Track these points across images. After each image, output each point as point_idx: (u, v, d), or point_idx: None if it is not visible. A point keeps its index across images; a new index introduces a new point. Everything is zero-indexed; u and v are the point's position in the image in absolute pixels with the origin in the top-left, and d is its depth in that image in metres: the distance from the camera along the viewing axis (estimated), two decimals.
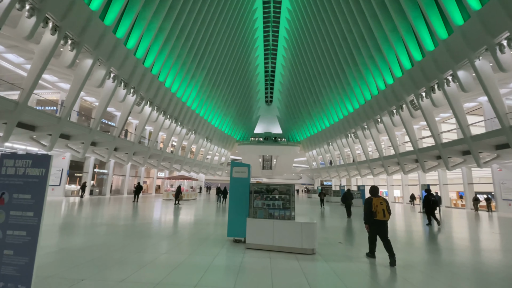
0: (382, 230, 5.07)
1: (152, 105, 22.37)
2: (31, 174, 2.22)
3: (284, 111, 52.17)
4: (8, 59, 16.61)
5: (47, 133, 14.89)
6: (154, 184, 35.10)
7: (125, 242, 6.06)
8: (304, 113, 42.07)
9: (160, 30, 19.69)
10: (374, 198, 5.18)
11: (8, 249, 2.15)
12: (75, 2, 12.66)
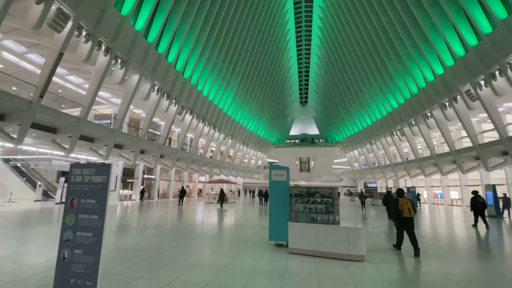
0: (408, 226, 5.88)
1: (192, 113, 23.61)
2: (95, 181, 2.49)
3: (321, 111, 50.67)
4: (70, 81, 19.12)
5: (104, 144, 16.64)
6: (196, 188, 36.85)
7: (173, 244, 6.41)
8: (343, 111, 40.32)
9: (196, 42, 20.79)
10: (400, 199, 6.03)
11: (78, 248, 2.43)
12: (123, 25, 14.06)
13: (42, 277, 3.83)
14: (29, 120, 11.55)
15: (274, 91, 41.89)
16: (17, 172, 24.62)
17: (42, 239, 6.78)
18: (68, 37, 11.68)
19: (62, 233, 2.48)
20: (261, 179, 51.71)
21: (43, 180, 24.92)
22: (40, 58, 15.95)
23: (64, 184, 19.52)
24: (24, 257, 4.97)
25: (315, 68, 47.43)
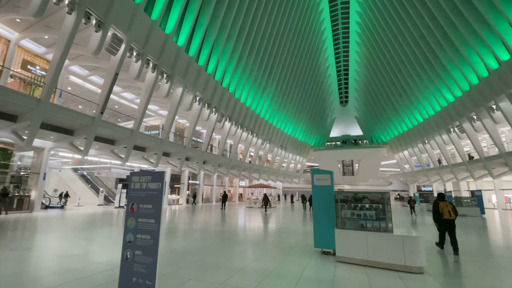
0: (449, 228, 6.38)
1: (231, 120, 24.37)
2: (151, 188, 2.71)
3: (363, 110, 47.83)
4: (124, 97, 21.30)
5: (154, 152, 18.09)
6: (237, 192, 37.69)
7: (218, 247, 6.60)
8: (389, 109, 37.49)
9: (233, 51, 21.54)
10: (441, 202, 6.55)
11: (138, 250, 2.65)
12: (167, 43, 15.27)
13: (107, 274, 4.27)
14: (93, 134, 13.15)
15: (311, 92, 41.02)
16: (83, 180, 28.17)
17: (105, 239, 7.58)
18: (122, 58, 13.09)
19: (124, 235, 2.75)
20: (301, 184, 50.64)
21: (104, 187, 28.06)
22: (100, 79, 18.14)
23: (121, 190, 21.67)
24: (91, 256, 5.60)
25: (355, 66, 45.22)
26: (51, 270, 4.48)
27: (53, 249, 6.17)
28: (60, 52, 10.87)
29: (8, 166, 14.42)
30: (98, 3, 11.47)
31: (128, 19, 12.91)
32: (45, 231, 8.80)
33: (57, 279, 4.00)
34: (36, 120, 10.85)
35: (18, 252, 5.64)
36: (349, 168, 48.41)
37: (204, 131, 28.71)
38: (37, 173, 15.23)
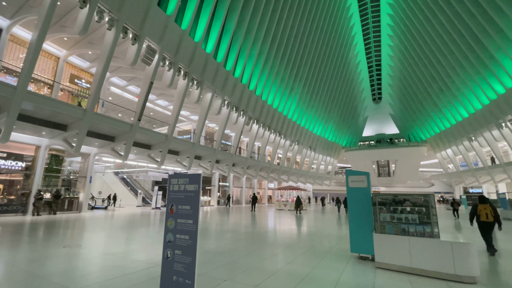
0: (486, 230, 6.41)
1: (258, 122, 24.50)
2: (189, 189, 2.81)
3: (399, 106, 44.90)
4: (159, 104, 22.52)
5: (186, 156, 18.84)
6: (266, 194, 37.67)
7: (251, 249, 6.62)
8: (428, 105, 34.78)
9: (259, 54, 21.70)
10: (480, 205, 6.57)
11: (178, 249, 2.76)
12: (196, 51, 15.87)
13: (147, 272, 4.50)
14: (131, 140, 14.09)
15: (341, 91, 39.65)
16: (124, 183, 30.28)
17: (144, 239, 8.02)
18: (155, 68, 13.88)
19: (165, 235, 2.88)
20: (333, 186, 48.99)
21: (142, 189, 29.88)
22: (137, 88, 19.42)
23: (157, 192, 22.88)
24: (132, 254, 5.96)
25: (388, 60, 42.79)
26: (98, 267, 4.85)
27: (99, 246, 6.68)
28: (102, 66, 11.86)
29: (60, 170, 16.03)
30: (133, 18, 12.32)
31: (161, 30, 13.67)
32: (92, 230, 9.59)
33: (103, 275, 4.31)
34: (83, 128, 11.93)
35: (70, 249, 6.20)
36: (385, 169, 45.70)
37: (233, 134, 29.25)
38: (84, 177, 16.72)
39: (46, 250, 5.94)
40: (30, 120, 11.41)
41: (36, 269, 4.52)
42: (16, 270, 4.45)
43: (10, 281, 3.96)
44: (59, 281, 3.92)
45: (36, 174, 14.06)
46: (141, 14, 12.59)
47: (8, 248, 6.12)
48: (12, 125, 9.88)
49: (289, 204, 24.32)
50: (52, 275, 4.19)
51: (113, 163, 26.67)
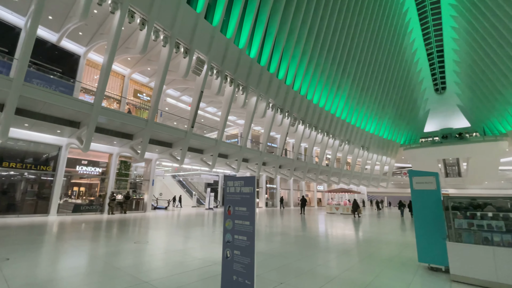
0: None
1: (304, 123, 23.98)
2: (244, 192, 2.88)
3: (469, 96, 38.86)
4: (208, 111, 23.84)
5: (235, 159, 19.49)
6: (315, 197, 36.51)
7: (305, 253, 6.44)
8: (507, 91, 29.35)
9: (303, 53, 21.30)
10: None
11: (237, 250, 2.84)
12: (241, 57, 16.38)
13: (207, 270, 4.73)
14: (186, 145, 15.19)
15: (396, 83, 36.28)
16: (180, 185, 32.86)
17: (201, 237, 8.51)
18: (205, 77, 14.76)
19: (224, 235, 3.00)
20: (391, 188, 44.83)
21: (196, 191, 31.97)
22: (189, 98, 20.93)
23: (210, 194, 24.17)
24: (191, 251, 6.36)
25: (452, 44, 37.62)
26: (163, 262, 5.30)
27: (162, 243, 7.32)
28: (159, 80, 13.12)
29: (128, 175, 18.23)
30: (184, 33, 13.35)
31: (208, 41, 14.51)
32: (156, 228, 10.59)
33: (168, 271, 4.69)
34: (146, 136, 13.33)
35: (139, 245, 6.94)
36: (454, 169, 39.92)
37: (278, 136, 29.20)
38: (148, 180, 18.64)
39: (120, 245, 6.77)
40: (104, 131, 13.23)
41: (113, 261, 5.17)
42: (97, 262, 5.16)
43: (93, 270, 4.60)
44: (132, 273, 4.40)
45: (110, 178, 16.22)
46: (191, 29, 13.57)
47: (90, 242, 7.16)
48: (91, 136, 11.61)
49: (341, 208, 23.10)
50: (126, 267, 4.73)
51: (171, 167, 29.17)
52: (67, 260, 5.29)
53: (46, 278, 4.07)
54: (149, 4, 11.72)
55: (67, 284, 3.87)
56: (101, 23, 12.86)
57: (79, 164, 15.49)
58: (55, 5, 11.59)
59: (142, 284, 3.89)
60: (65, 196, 15.23)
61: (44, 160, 13.78)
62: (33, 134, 12.92)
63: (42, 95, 9.91)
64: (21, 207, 12.79)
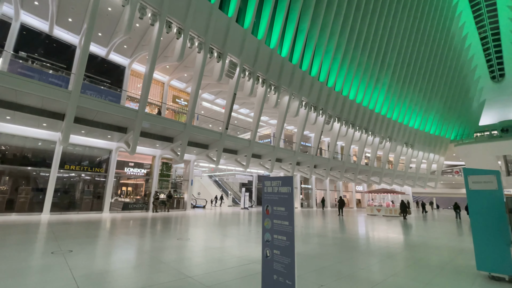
0: None
1: (340, 120, 23.06)
2: (282, 192, 2.87)
3: None
4: (241, 112, 24.26)
5: (268, 159, 19.54)
6: (353, 198, 34.87)
7: (343, 256, 6.19)
8: None
9: (337, 48, 20.55)
10: None
11: (276, 249, 2.84)
12: (272, 57, 16.38)
13: (246, 268, 4.81)
14: (221, 146, 15.66)
15: (443, 73, 33.01)
16: (216, 185, 33.97)
17: (238, 236, 8.68)
18: (237, 80, 15.07)
19: (263, 234, 3.02)
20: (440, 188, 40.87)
21: (231, 190, 32.77)
22: (222, 101, 21.55)
23: (244, 194, 24.57)
24: (229, 249, 6.52)
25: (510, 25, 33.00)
26: (204, 259, 5.53)
27: (202, 241, 7.64)
28: (195, 85, 13.74)
29: (169, 175, 19.41)
30: (217, 38, 13.80)
31: (240, 44, 14.79)
32: (196, 225, 11.09)
33: (209, 267, 4.87)
34: (185, 139, 14.05)
35: (182, 241, 7.33)
36: None
37: (312, 135, 28.53)
38: (187, 180, 19.62)
39: (164, 241, 7.23)
40: (148, 135, 14.28)
41: (159, 255, 5.54)
42: (145, 256, 5.57)
43: (142, 263, 4.98)
44: (177, 268, 4.67)
45: (153, 178, 17.43)
46: (223, 33, 13.97)
47: (138, 237, 7.76)
48: (137, 140, 12.61)
49: (383, 209, 21.72)
50: (171, 262, 5.03)
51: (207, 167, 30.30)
52: (120, 253, 5.81)
53: (102, 269, 4.53)
54: (184, 13, 12.35)
55: (121, 275, 4.25)
56: (142, 35, 13.91)
57: (127, 166, 16.93)
58: (103, 22, 12.85)
59: (186, 278, 4.10)
60: (115, 195, 16.77)
61: (97, 162, 15.36)
62: (88, 140, 14.48)
63: (95, 104, 11.05)
64: (79, 205, 14.42)
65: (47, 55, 13.35)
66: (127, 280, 3.99)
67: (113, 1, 11.45)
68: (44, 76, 12.25)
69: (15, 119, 11.55)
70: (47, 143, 13.37)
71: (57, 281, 3.80)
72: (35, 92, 9.53)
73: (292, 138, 28.74)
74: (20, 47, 12.51)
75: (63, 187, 14.14)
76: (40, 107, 10.95)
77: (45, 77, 12.13)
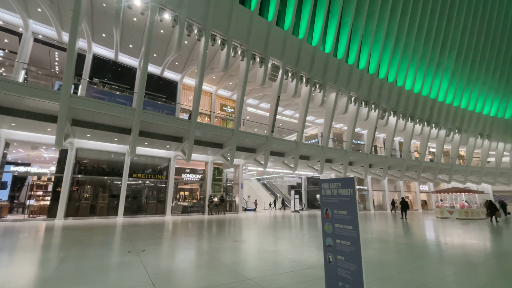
0: None
1: (396, 114, 21.08)
2: (343, 194, 2.71)
3: None
4: (285, 114, 24.09)
5: (317, 160, 18.91)
6: (418, 199, 31.26)
7: (413, 264, 5.54)
8: None
9: (387, 36, 18.97)
10: None
11: (340, 255, 2.69)
12: (316, 54, 15.92)
13: (304, 273, 4.68)
14: (268, 149, 15.76)
15: None
16: (265, 188, 34.28)
17: (293, 239, 8.53)
18: (281, 82, 15.04)
19: (324, 239, 2.90)
20: None
21: (280, 193, 32.65)
22: (266, 105, 21.75)
23: (294, 196, 24.20)
24: (287, 253, 6.44)
25: None
26: (261, 262, 5.57)
27: (257, 243, 7.72)
28: (240, 92, 14.18)
29: (221, 179, 20.33)
30: (258, 43, 14.04)
31: (281, 46, 14.78)
32: (249, 228, 11.32)
33: (267, 270, 4.88)
34: (233, 144, 14.57)
35: (238, 243, 7.54)
36: None
37: (365, 132, 26.67)
38: (237, 184, 20.27)
39: (222, 243, 7.54)
40: (200, 143, 15.23)
41: (219, 257, 5.79)
42: (205, 257, 5.88)
43: (204, 264, 5.25)
44: (236, 269, 4.80)
45: (207, 183, 18.46)
46: (264, 38, 14.16)
47: (198, 239, 8.25)
48: (191, 148, 13.55)
49: (457, 211, 18.96)
50: (230, 263, 5.20)
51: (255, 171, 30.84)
52: (183, 253, 6.26)
53: (170, 268, 4.92)
54: (226, 24, 12.92)
55: (187, 274, 4.56)
56: (190, 51, 14.99)
57: (184, 172, 18.31)
58: (157, 44, 14.26)
59: (247, 281, 4.19)
60: (174, 200, 18.26)
61: (158, 170, 16.98)
62: (150, 150, 16.13)
63: (155, 118, 12.27)
64: (146, 209, 16.09)
65: (114, 78, 15.40)
66: (193, 280, 4.25)
67: (164, 24, 12.63)
68: (112, 97, 14.17)
69: (93, 136, 13.56)
70: (118, 155, 15.35)
71: (136, 277, 4.27)
72: (108, 112, 11.05)
73: (342, 137, 27.35)
74: (93, 74, 14.70)
75: (132, 193, 16.00)
76: (111, 124, 12.64)
77: (113, 98, 14.01)
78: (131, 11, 11.81)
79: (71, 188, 13.69)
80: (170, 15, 11.67)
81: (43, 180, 18.08)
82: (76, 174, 14.15)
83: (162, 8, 11.45)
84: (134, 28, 13.14)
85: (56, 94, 9.88)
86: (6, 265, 4.93)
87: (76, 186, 14.31)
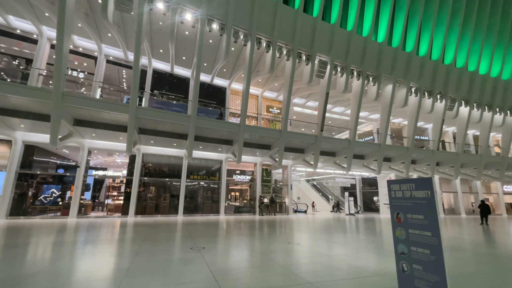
0: None
1: (468, 103, 18.25)
2: (417, 196, 2.43)
3: None
4: (335, 111, 22.99)
5: (373, 159, 17.53)
6: (501, 201, 26.42)
7: (505, 277, 4.65)
8: None
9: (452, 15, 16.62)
10: None
11: (417, 264, 2.40)
12: (367, 45, 14.84)
13: (370, 281, 4.34)
14: (318, 149, 15.25)
15: None
16: (315, 189, 33.23)
17: (351, 244, 8.03)
18: (329, 78, 14.44)
19: (395, 246, 2.64)
20: None
21: (332, 195, 31.24)
22: (313, 103, 21.12)
23: (348, 198, 22.88)
24: (344, 258, 6.08)
25: None
26: (319, 266, 5.37)
27: (313, 246, 7.49)
28: (287, 92, 14.08)
29: (270, 180, 20.45)
30: (304, 41, 13.74)
31: (328, 41, 14.20)
32: (301, 230, 11.09)
33: (328, 275, 4.67)
34: (281, 145, 14.52)
35: (292, 245, 7.44)
36: None
37: (429, 126, 23.76)
38: (286, 185, 20.11)
39: (276, 244, 7.54)
40: (249, 145, 15.59)
41: (275, 258, 5.79)
42: (263, 257, 5.94)
43: (263, 264, 5.31)
44: (295, 272, 4.73)
45: (256, 184, 18.79)
46: (309, 35, 13.80)
47: (253, 239, 8.41)
48: (241, 150, 13.98)
49: None
50: (288, 266, 5.15)
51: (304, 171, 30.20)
52: (241, 252, 6.45)
53: (230, 266, 5.11)
54: (271, 26, 13.00)
55: (247, 273, 4.68)
56: (237, 57, 15.52)
57: (234, 174, 19.00)
58: (207, 54, 15.14)
59: (307, 284, 4.08)
60: (226, 200, 19.07)
61: (212, 172, 17.95)
62: (204, 153, 17.17)
63: (208, 123, 13.04)
64: (202, 208, 17.16)
65: (170, 89, 16.89)
66: (253, 279, 4.33)
67: (213, 34, 13.35)
68: (170, 106, 15.54)
69: (156, 142, 15.07)
70: (176, 159, 16.76)
71: (199, 273, 4.56)
72: (168, 120, 12.17)
73: (401, 133, 24.88)
74: (153, 87, 16.37)
75: (189, 193, 17.26)
76: (170, 131, 13.88)
77: (170, 107, 15.36)
78: (183, 26, 12.81)
79: (139, 189, 15.47)
80: (217, 24, 12.28)
81: (117, 182, 20.87)
82: (143, 176, 15.92)
83: (211, 19, 12.13)
84: (186, 41, 14.20)
85: (125, 107, 11.30)
86: (92, 256, 5.79)
87: (142, 187, 16.11)
